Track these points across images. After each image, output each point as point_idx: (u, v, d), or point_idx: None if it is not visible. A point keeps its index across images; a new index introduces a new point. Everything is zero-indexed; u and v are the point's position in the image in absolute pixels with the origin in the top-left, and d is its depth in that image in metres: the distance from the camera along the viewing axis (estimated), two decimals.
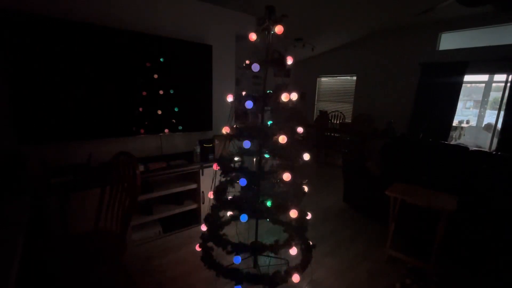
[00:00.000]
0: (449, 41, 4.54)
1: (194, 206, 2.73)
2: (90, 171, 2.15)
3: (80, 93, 2.17)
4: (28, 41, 1.89)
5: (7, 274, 0.93)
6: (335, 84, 6.46)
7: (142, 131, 2.58)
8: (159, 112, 2.66)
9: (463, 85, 4.38)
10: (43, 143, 2.08)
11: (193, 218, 2.73)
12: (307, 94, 6.78)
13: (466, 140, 5.98)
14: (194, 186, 2.68)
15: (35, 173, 1.99)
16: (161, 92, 2.63)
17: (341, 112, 6.12)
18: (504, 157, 2.36)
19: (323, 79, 6.66)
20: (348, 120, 6.03)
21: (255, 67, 1.61)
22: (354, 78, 5.89)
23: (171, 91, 2.70)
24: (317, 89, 6.75)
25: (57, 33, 1.99)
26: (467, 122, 6.34)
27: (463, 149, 2.57)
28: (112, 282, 1.77)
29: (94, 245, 1.62)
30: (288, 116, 1.80)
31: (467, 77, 4.38)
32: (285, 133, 1.62)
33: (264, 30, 1.63)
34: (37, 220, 1.76)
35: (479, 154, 2.51)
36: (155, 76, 2.56)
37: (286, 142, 1.63)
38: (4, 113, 1.94)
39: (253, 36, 1.67)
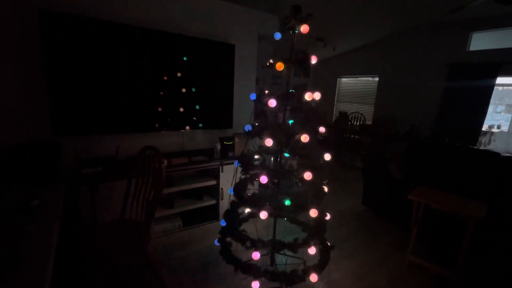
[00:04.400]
0: (481, 41, 4.31)
1: (213, 202, 2.78)
2: (118, 164, 2.26)
3: (109, 89, 2.28)
4: (64, 40, 2.01)
5: (47, 255, 1.01)
6: (356, 85, 6.32)
7: (164, 127, 2.67)
8: (181, 109, 2.74)
9: (495, 87, 4.14)
10: (76, 135, 2.21)
11: (212, 213, 2.79)
12: (326, 95, 6.69)
13: (497, 146, 5.64)
14: (213, 182, 2.73)
15: (69, 164, 2.12)
16: (183, 90, 2.71)
17: (361, 114, 5.99)
18: None
19: (344, 79, 6.54)
20: (369, 122, 5.89)
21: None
22: (376, 79, 5.73)
23: (193, 89, 2.77)
24: (337, 89, 6.64)
25: (90, 33, 2.11)
26: (498, 127, 5.98)
27: (494, 154, 2.45)
28: (136, 270, 1.85)
29: (121, 234, 1.71)
30: (309, 116, 1.79)
31: (500, 80, 4.14)
32: (307, 133, 1.62)
33: (289, 29, 1.64)
34: (70, 207, 1.88)
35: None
36: (178, 74, 2.64)
37: (308, 141, 1.63)
38: (42, 107, 2.09)
39: (277, 36, 1.68)
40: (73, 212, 1.94)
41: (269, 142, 1.65)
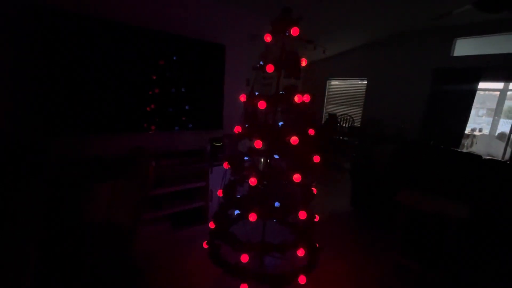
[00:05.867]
0: (465, 47, 4.46)
1: (202, 203, 2.75)
2: (105, 164, 2.20)
3: (96, 88, 2.22)
4: (51, 37, 1.94)
5: (26, 260, 0.97)
6: (345, 88, 6.42)
7: (153, 127, 2.62)
8: (171, 109, 2.70)
9: (477, 92, 4.30)
10: (62, 135, 2.14)
11: (201, 215, 2.76)
12: (316, 97, 6.75)
13: (479, 148, 5.86)
14: (202, 184, 2.70)
15: (53, 164, 2.04)
16: (173, 90, 2.67)
17: (350, 116, 6.08)
18: None
19: (333, 82, 6.62)
20: (357, 124, 5.99)
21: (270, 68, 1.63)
22: (365, 82, 5.84)
23: (183, 89, 2.73)
24: (326, 92, 6.72)
25: (78, 30, 2.05)
26: (480, 130, 6.22)
27: (476, 157, 2.53)
28: (123, 273, 1.80)
29: (107, 237, 1.66)
30: (299, 118, 1.80)
31: (482, 85, 4.30)
32: (296, 134, 1.63)
33: (279, 31, 1.64)
34: (54, 210, 1.81)
35: (492, 163, 2.46)
36: (168, 74, 2.60)
37: (297, 143, 1.63)
38: (26, 106, 2.01)
39: (268, 37, 1.68)
40: (58, 214, 1.87)
41: (258, 143, 1.64)
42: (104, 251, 1.55)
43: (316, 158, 1.77)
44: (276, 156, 1.81)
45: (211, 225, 1.94)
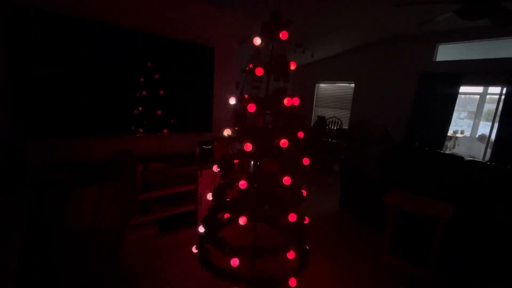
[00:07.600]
0: (446, 52, 4.64)
1: (191, 207, 2.72)
2: (90, 168, 2.14)
3: (81, 90, 2.17)
4: (33, 36, 1.88)
5: (6, 269, 0.92)
6: (333, 91, 6.53)
7: (141, 130, 2.58)
8: (159, 112, 2.66)
9: (458, 95, 4.47)
10: (44, 138, 2.07)
11: (190, 219, 2.72)
12: (306, 100, 6.84)
13: (461, 150, 6.07)
14: (192, 187, 2.67)
15: (35, 169, 1.97)
16: (161, 92, 2.64)
17: (338, 118, 6.18)
18: (497, 167, 2.41)
19: (322, 85, 6.73)
20: (345, 127, 6.09)
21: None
22: (352, 85, 5.96)
23: (172, 92, 2.70)
24: (315, 94, 6.82)
25: (62, 30, 1.99)
26: (462, 132, 6.45)
27: (458, 158, 2.62)
28: (109, 280, 1.75)
29: (92, 243, 1.61)
30: (288, 120, 1.81)
31: (462, 88, 4.47)
32: (286, 137, 1.63)
33: (268, 35, 1.65)
34: (36, 215, 1.74)
35: (474, 164, 2.56)
36: (156, 76, 2.57)
37: (287, 146, 1.64)
38: (5, 107, 1.93)
39: (257, 41, 1.69)
40: (40, 221, 1.80)
41: (248, 146, 1.64)
42: (90, 256, 1.50)
43: (306, 161, 1.78)
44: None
45: (201, 228, 1.91)
